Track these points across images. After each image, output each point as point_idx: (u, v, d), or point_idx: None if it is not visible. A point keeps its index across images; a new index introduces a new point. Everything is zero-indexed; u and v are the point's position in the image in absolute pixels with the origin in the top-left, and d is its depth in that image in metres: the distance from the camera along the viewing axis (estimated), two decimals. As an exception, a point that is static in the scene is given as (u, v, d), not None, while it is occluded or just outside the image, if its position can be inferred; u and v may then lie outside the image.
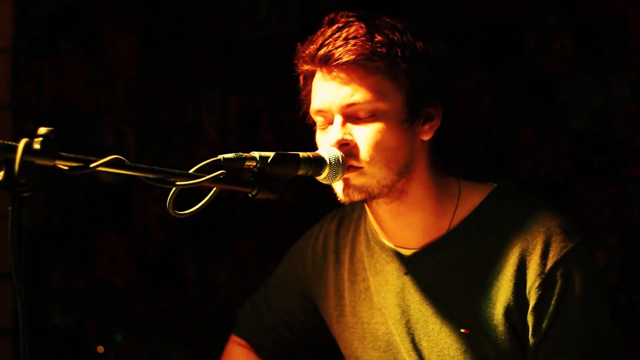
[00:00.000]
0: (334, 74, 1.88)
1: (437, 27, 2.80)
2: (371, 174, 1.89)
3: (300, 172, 1.81)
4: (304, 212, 3.01)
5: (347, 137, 1.88)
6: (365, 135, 1.87)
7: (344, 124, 1.89)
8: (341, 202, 1.92)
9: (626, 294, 2.63)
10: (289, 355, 2.29)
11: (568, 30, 2.67)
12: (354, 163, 1.88)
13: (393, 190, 1.93)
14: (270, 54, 3.08)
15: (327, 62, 1.88)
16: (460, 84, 2.76)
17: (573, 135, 2.69)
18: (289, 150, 1.79)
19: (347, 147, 1.87)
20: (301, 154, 1.81)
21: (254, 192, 1.73)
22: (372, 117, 1.88)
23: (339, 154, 1.86)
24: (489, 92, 2.78)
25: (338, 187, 1.91)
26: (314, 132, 1.97)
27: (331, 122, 1.91)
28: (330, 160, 1.84)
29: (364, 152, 1.87)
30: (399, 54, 1.87)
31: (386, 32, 1.88)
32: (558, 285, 1.88)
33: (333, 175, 1.85)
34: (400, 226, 2.00)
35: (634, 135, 2.61)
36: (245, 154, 1.72)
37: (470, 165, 2.80)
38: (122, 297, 3.36)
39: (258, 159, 1.72)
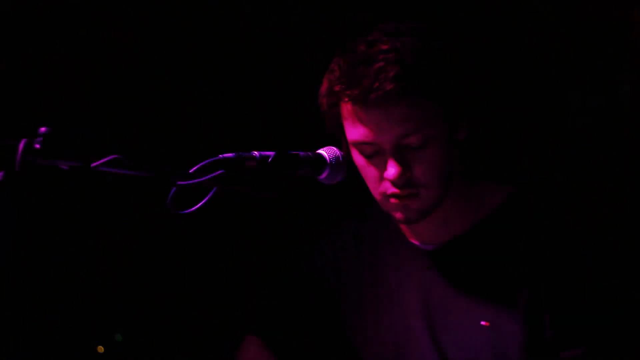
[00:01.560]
0: (377, 106, 1.85)
1: (436, 28, 2.79)
2: (427, 196, 1.92)
3: (301, 172, 1.81)
4: (304, 212, 3.01)
5: (406, 168, 1.88)
6: (422, 164, 1.89)
7: (398, 157, 1.88)
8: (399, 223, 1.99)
9: (626, 294, 2.63)
10: (303, 354, 2.29)
11: (568, 30, 2.67)
12: (411, 191, 1.90)
13: None
14: (270, 54, 3.08)
15: (367, 96, 1.84)
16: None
17: (573, 135, 2.69)
18: (289, 150, 1.79)
19: (405, 177, 1.89)
20: (301, 153, 1.81)
21: (254, 192, 1.73)
22: (424, 143, 1.88)
23: (339, 153, 1.86)
24: (489, 92, 2.77)
25: (397, 215, 1.94)
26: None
27: (377, 150, 1.90)
28: (331, 161, 1.84)
29: (422, 179, 1.90)
30: (436, 74, 1.86)
31: (415, 52, 1.85)
32: (574, 282, 1.93)
33: (334, 176, 1.85)
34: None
35: (634, 135, 2.61)
36: (245, 154, 1.71)
37: (484, 166, 2.80)
38: (122, 296, 3.35)
39: (258, 158, 1.72)
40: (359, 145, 1.92)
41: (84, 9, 3.29)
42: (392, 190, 1.91)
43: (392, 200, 1.93)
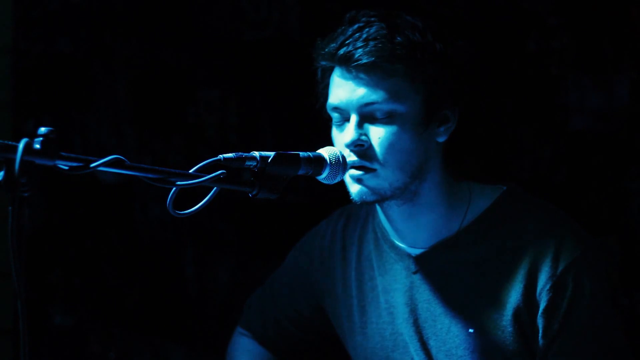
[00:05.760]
0: (354, 73, 1.87)
1: (436, 27, 2.79)
2: (384, 176, 1.88)
3: (301, 172, 1.81)
4: (304, 212, 3.01)
5: (363, 137, 1.88)
6: (381, 137, 1.87)
7: (360, 124, 1.88)
8: (354, 203, 1.92)
9: (626, 294, 2.63)
10: (294, 350, 2.29)
11: (568, 30, 2.67)
12: (368, 165, 1.88)
13: (406, 192, 1.92)
14: (270, 54, 3.08)
15: (347, 61, 1.87)
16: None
17: (573, 135, 2.69)
18: (289, 150, 1.79)
19: (362, 149, 1.87)
20: (301, 153, 1.81)
21: (254, 192, 1.73)
22: (389, 118, 1.87)
23: (339, 153, 1.86)
24: (489, 92, 2.78)
25: (352, 188, 1.91)
26: (329, 127, 1.96)
27: (347, 119, 1.90)
28: (330, 160, 1.84)
29: (379, 154, 1.87)
30: (419, 56, 1.87)
31: (407, 33, 1.87)
32: (569, 288, 1.88)
33: (333, 175, 1.85)
34: (411, 227, 2.00)
35: (634, 135, 2.61)
36: (245, 154, 1.71)
37: (473, 166, 2.80)
38: (122, 297, 3.35)
39: (258, 158, 1.72)
40: (332, 111, 1.93)
41: (84, 9, 3.29)
42: (351, 158, 1.88)
43: (352, 170, 1.90)
